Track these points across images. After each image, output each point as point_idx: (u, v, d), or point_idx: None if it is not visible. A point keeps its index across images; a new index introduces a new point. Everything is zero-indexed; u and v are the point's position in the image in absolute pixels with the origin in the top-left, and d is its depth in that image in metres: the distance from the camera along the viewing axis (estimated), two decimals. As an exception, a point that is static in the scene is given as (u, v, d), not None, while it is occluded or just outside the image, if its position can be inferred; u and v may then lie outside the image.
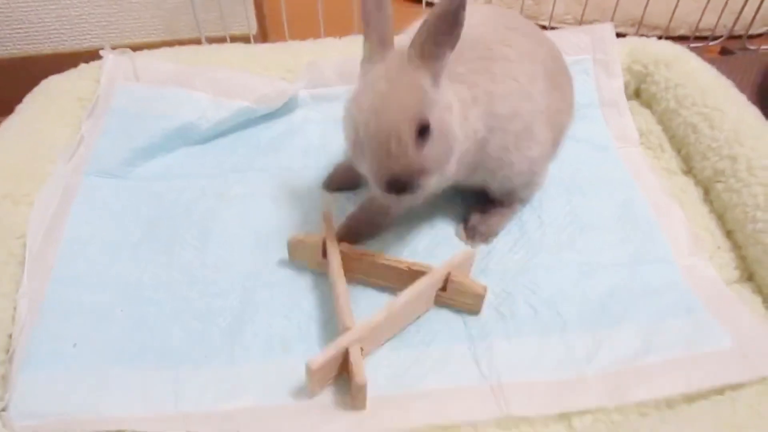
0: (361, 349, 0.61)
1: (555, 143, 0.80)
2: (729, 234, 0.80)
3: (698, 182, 0.87)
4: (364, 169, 0.63)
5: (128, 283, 0.73)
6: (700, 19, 1.23)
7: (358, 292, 0.71)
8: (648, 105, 1.00)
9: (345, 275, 0.68)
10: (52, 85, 0.92)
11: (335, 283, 0.66)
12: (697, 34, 1.27)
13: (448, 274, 0.67)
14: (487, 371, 0.62)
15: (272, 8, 1.14)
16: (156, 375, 0.63)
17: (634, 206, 0.82)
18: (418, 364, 0.64)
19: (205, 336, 0.67)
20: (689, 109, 0.90)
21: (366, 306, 0.69)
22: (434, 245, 0.77)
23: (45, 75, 0.93)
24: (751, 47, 1.28)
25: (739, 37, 1.29)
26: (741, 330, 0.65)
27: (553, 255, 0.76)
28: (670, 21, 1.22)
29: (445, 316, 0.69)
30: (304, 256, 0.73)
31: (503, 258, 0.76)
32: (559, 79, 0.78)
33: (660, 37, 1.05)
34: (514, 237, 0.78)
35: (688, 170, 0.90)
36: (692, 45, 1.25)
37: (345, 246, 0.70)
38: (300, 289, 0.72)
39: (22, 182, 0.78)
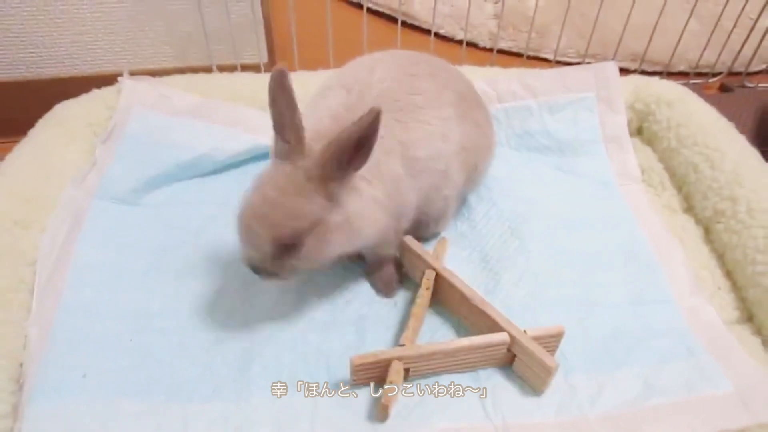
0: (408, 371, 0.65)
1: (469, 180, 0.83)
2: (729, 274, 0.81)
3: (699, 221, 0.88)
4: None
5: (137, 311, 0.73)
6: (701, 56, 1.25)
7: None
8: (650, 143, 1.01)
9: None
10: (64, 109, 0.93)
11: (416, 303, 0.71)
12: (697, 70, 1.29)
13: (513, 338, 0.65)
14: (492, 411, 0.63)
15: (282, 38, 1.16)
16: (165, 408, 0.63)
17: (635, 244, 0.83)
18: (424, 403, 0.64)
19: (213, 369, 0.67)
20: (690, 149, 0.92)
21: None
22: None
23: (59, 98, 0.93)
24: (750, 84, 1.31)
25: (739, 74, 1.31)
26: (741, 375, 0.66)
27: (556, 292, 0.77)
28: (671, 57, 1.24)
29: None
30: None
31: (509, 294, 0.77)
32: (473, 114, 0.79)
33: (661, 73, 1.06)
34: (520, 270, 0.79)
35: (689, 209, 0.91)
36: (692, 81, 1.27)
37: (447, 271, 0.74)
38: (308, 322, 0.73)
39: (31, 208, 0.79)
